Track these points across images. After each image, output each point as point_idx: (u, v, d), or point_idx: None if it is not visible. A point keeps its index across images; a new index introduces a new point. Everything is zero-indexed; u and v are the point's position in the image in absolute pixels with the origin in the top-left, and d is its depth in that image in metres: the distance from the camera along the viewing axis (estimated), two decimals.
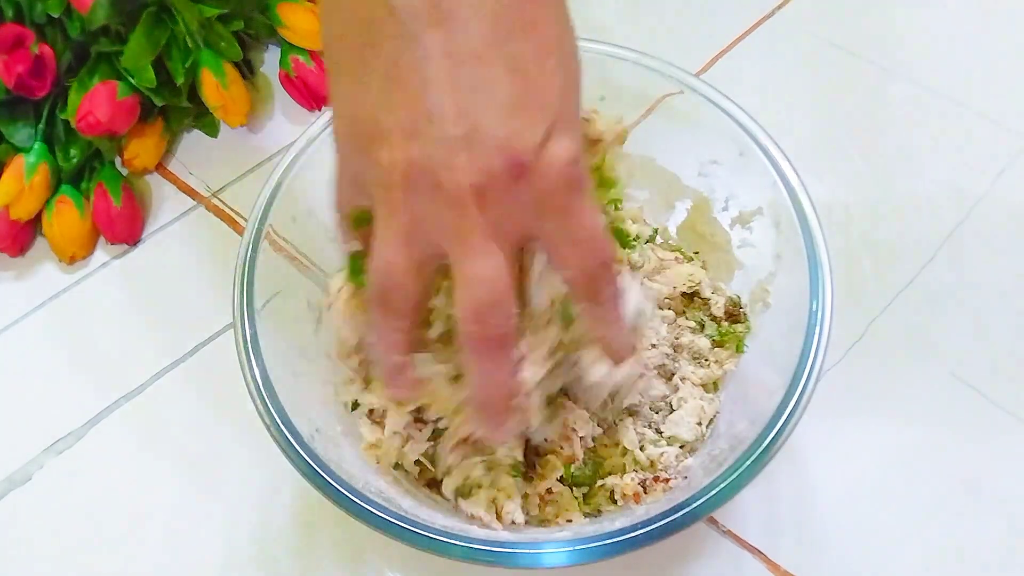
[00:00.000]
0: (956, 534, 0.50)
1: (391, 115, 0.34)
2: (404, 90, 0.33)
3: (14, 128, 0.62)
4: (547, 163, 0.34)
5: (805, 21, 0.69)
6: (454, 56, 0.33)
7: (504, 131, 0.33)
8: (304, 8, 0.67)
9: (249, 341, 0.45)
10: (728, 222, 0.52)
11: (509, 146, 0.33)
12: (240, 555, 0.51)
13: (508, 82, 0.33)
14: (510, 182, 0.34)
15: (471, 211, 0.34)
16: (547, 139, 0.34)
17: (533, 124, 0.34)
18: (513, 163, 0.33)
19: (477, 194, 0.33)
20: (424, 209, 0.34)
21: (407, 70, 0.33)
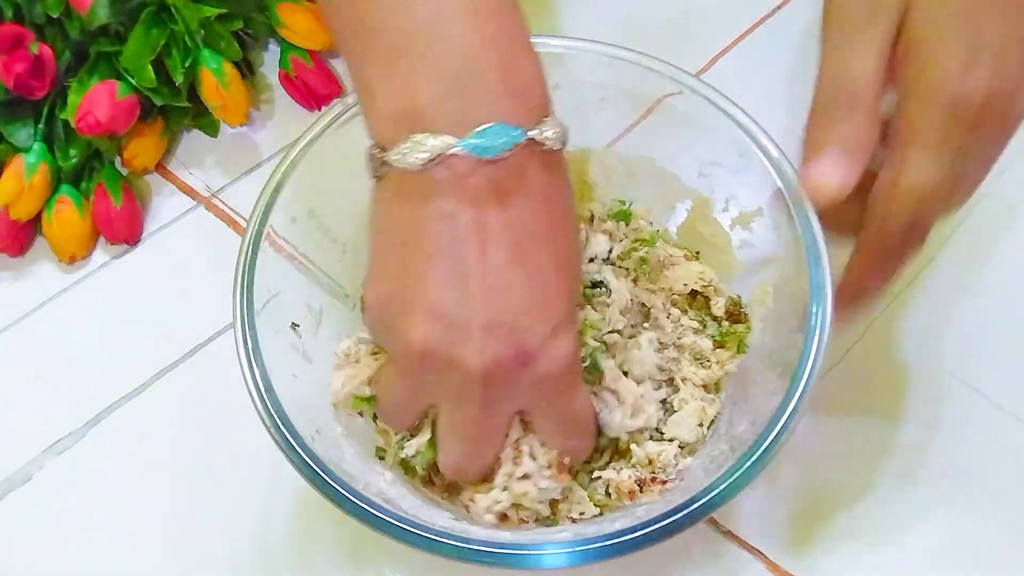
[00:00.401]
0: (956, 534, 0.50)
1: (423, 297, 0.39)
2: (442, 280, 0.39)
3: (14, 128, 0.62)
4: (549, 355, 0.40)
5: (805, 21, 0.68)
6: (488, 262, 0.39)
7: (517, 326, 0.39)
8: (304, 8, 0.66)
9: (249, 341, 0.45)
10: (728, 223, 0.52)
11: (519, 338, 0.39)
12: (240, 555, 0.51)
13: (526, 288, 0.39)
14: (516, 368, 0.40)
15: (475, 386, 0.40)
16: (552, 335, 0.40)
17: (543, 322, 0.39)
18: (520, 352, 0.39)
19: (485, 375, 0.39)
20: (433, 379, 0.41)
21: (448, 265, 0.39)
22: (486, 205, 0.38)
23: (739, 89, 0.50)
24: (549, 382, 0.41)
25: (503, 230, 0.39)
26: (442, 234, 0.38)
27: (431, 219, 0.39)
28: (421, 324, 0.39)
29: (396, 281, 0.40)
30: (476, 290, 0.38)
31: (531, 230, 0.39)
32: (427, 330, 0.39)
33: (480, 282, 0.38)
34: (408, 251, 0.39)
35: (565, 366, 0.41)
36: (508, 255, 0.39)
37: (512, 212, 0.39)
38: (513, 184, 0.39)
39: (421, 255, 0.39)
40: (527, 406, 0.42)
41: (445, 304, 0.39)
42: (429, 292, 0.39)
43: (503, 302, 0.39)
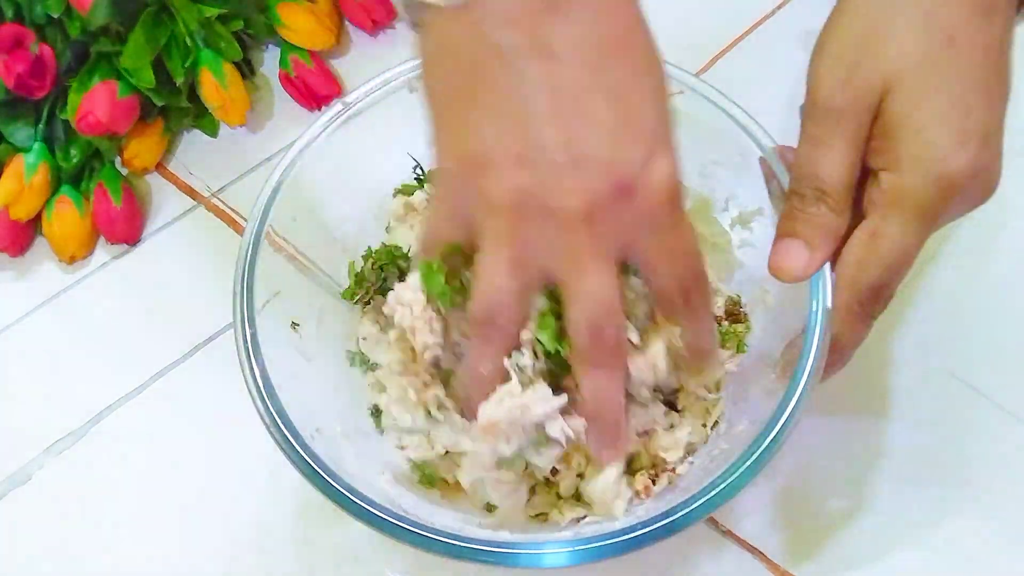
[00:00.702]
0: (955, 534, 0.50)
1: (500, 146, 0.36)
2: (512, 122, 0.35)
3: (14, 128, 0.62)
4: (649, 183, 0.37)
5: (805, 21, 0.68)
6: (558, 87, 0.35)
7: (609, 156, 0.36)
8: (304, 8, 0.66)
9: (249, 341, 0.45)
10: (728, 222, 0.52)
11: (614, 169, 0.36)
12: (241, 555, 0.51)
13: (609, 109, 0.36)
14: (616, 203, 0.36)
15: (580, 233, 0.36)
16: (648, 160, 0.36)
17: (635, 147, 0.36)
18: (619, 185, 0.36)
19: (586, 216, 0.36)
20: (534, 235, 0.37)
21: (515, 103, 0.35)
22: (543, 20, 0.35)
23: (739, 89, 0.50)
24: (654, 213, 0.37)
25: (570, 47, 0.35)
26: (504, 70, 0.35)
27: (488, 57, 0.35)
28: (506, 177, 0.36)
29: (466, 139, 0.37)
30: (554, 122, 0.35)
31: (601, 40, 0.36)
32: (514, 181, 0.36)
33: (556, 113, 0.35)
34: (471, 101, 0.36)
35: (668, 192, 0.37)
36: (581, 74, 0.35)
37: (576, 24, 0.35)
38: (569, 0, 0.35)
39: (487, 101, 0.36)
40: (634, 244, 0.38)
41: (525, 146, 0.35)
42: (504, 136, 0.36)
43: (586, 130, 0.35)
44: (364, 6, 0.69)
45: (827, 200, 0.43)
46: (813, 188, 0.44)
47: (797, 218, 0.44)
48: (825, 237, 0.44)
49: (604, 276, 0.38)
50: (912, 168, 0.42)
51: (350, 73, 0.68)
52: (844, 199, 0.44)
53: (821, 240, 0.43)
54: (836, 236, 0.44)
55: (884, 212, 0.42)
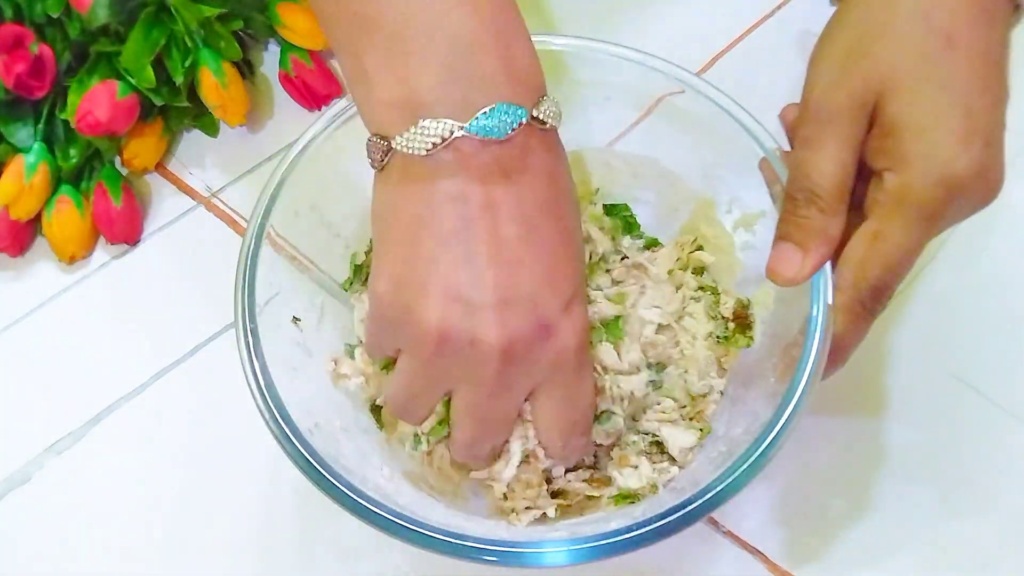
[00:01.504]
0: (956, 534, 0.50)
1: (437, 279, 0.39)
2: (453, 260, 0.39)
3: (14, 128, 0.62)
4: (566, 328, 0.40)
5: (805, 21, 0.68)
6: (498, 238, 0.39)
7: (534, 300, 0.39)
8: (304, 8, 0.66)
9: (250, 336, 0.45)
10: (731, 224, 0.52)
11: (538, 312, 0.39)
12: (241, 554, 0.51)
13: (541, 262, 0.40)
14: (535, 342, 0.40)
15: (493, 364, 0.40)
16: (568, 308, 0.40)
17: (558, 295, 0.40)
18: (539, 326, 0.40)
19: (504, 352, 0.39)
20: (451, 362, 0.40)
21: (456, 243, 0.39)
22: (495, 184, 0.39)
23: (739, 89, 0.50)
24: (566, 356, 0.41)
25: (513, 207, 0.39)
26: (453, 214, 0.39)
27: (440, 200, 0.39)
28: (437, 306, 0.39)
29: (407, 266, 0.40)
30: (491, 268, 0.39)
31: (539, 206, 0.40)
32: (444, 312, 0.39)
33: (495, 259, 0.39)
34: (418, 235, 0.39)
35: (581, 339, 0.41)
36: (519, 231, 0.39)
37: (520, 189, 0.39)
38: (519, 162, 0.39)
39: (432, 237, 0.39)
40: (539, 384, 0.42)
41: (460, 284, 0.39)
42: (443, 273, 0.39)
43: (519, 278, 0.39)
44: None
45: (818, 202, 0.44)
46: (805, 190, 0.44)
47: (790, 221, 0.45)
48: (818, 240, 0.44)
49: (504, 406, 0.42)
50: (916, 168, 0.42)
51: None
52: (836, 201, 0.44)
53: (814, 243, 0.44)
54: (829, 239, 0.44)
55: (887, 212, 0.43)
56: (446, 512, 0.45)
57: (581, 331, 0.41)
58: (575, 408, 0.43)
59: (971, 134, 0.42)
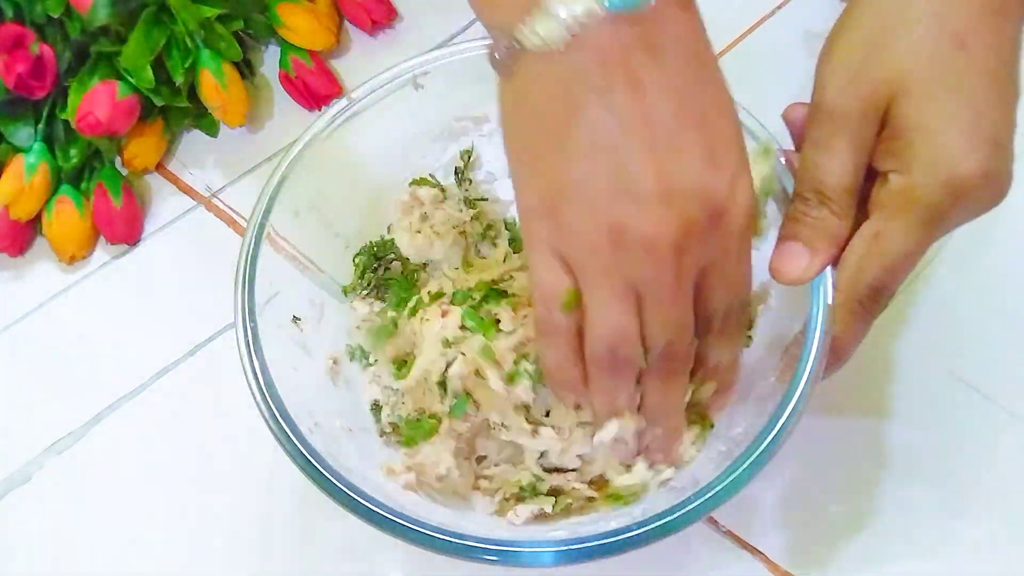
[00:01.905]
0: (956, 534, 0.50)
1: (594, 180, 0.37)
2: (605, 156, 0.37)
3: (14, 128, 0.62)
4: (735, 208, 0.38)
5: (806, 20, 0.68)
6: (651, 121, 0.37)
7: (701, 184, 0.37)
8: (304, 8, 0.67)
9: (250, 335, 0.45)
10: None
11: (707, 197, 0.37)
12: (241, 553, 0.51)
13: (700, 139, 0.37)
14: (708, 230, 0.38)
15: (669, 261, 0.37)
16: (734, 183, 0.38)
17: (723, 174, 0.38)
18: (712, 212, 0.38)
19: (677, 245, 0.37)
20: (631, 267, 0.38)
21: (609, 139, 0.37)
22: (639, 65, 0.36)
23: (739, 89, 0.50)
24: (735, 236, 0.39)
25: (662, 86, 0.37)
26: (599, 104, 0.36)
27: (584, 93, 0.36)
28: (601, 213, 0.37)
29: (559, 171, 0.38)
30: (650, 156, 0.37)
31: (688, 79, 0.38)
32: (609, 215, 0.37)
33: (652, 146, 0.37)
34: (565, 136, 0.37)
35: (750, 216, 0.39)
36: (673, 109, 0.37)
37: (666, 66, 0.37)
38: (660, 37, 0.37)
39: (582, 134, 0.37)
40: (708, 265, 0.39)
41: (618, 180, 0.37)
42: (601, 171, 0.37)
43: (681, 161, 0.37)
44: (364, 6, 0.69)
45: (829, 204, 0.44)
46: (815, 192, 0.44)
47: (799, 221, 0.44)
48: (826, 241, 0.44)
49: (683, 304, 0.39)
50: (922, 170, 0.42)
51: (350, 73, 0.68)
52: (846, 203, 0.44)
53: (822, 244, 0.44)
54: (838, 240, 0.44)
55: (890, 213, 0.42)
56: (446, 512, 0.45)
57: (748, 210, 0.39)
58: (734, 290, 0.41)
59: (979, 137, 0.41)
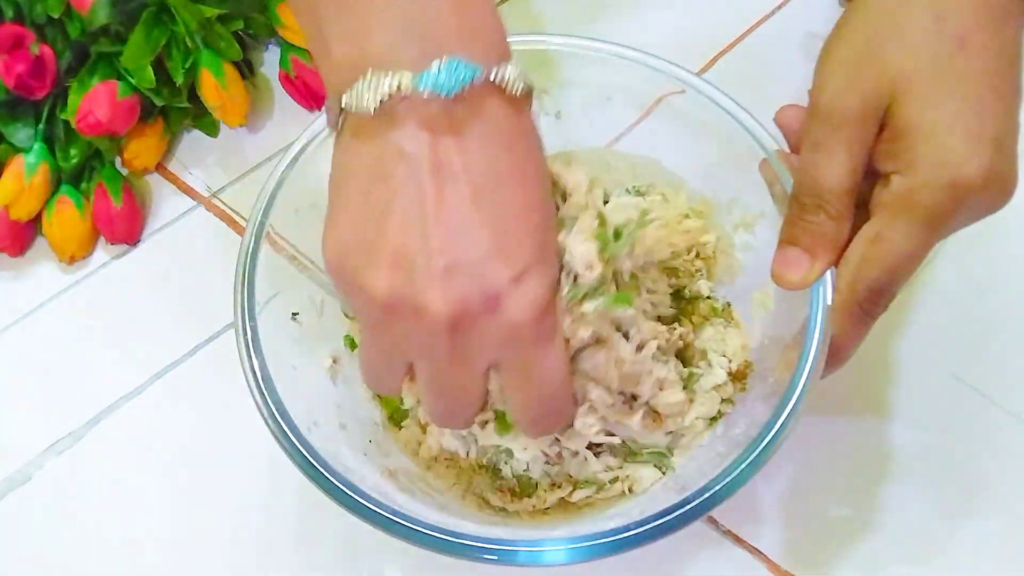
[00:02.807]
0: (956, 534, 0.50)
1: (383, 244, 0.37)
2: (398, 221, 0.37)
3: (14, 128, 0.62)
4: (517, 299, 0.38)
5: (806, 21, 0.68)
6: (444, 201, 0.37)
7: (482, 267, 0.37)
8: None
9: (249, 334, 0.45)
10: (731, 225, 0.52)
11: (485, 280, 0.37)
12: (241, 553, 0.51)
13: (490, 229, 0.37)
14: (483, 313, 0.38)
15: (443, 335, 0.38)
16: (520, 279, 0.38)
17: (507, 265, 0.38)
18: (485, 295, 0.37)
19: (451, 323, 0.37)
20: (402, 333, 0.39)
21: (404, 205, 0.37)
22: (445, 142, 0.37)
23: (739, 89, 0.50)
24: (520, 331, 0.38)
25: (463, 169, 0.37)
26: (401, 174, 0.37)
27: (389, 159, 0.37)
28: (384, 273, 0.38)
29: (355, 231, 0.39)
30: (436, 232, 0.37)
31: (493, 170, 0.38)
32: (390, 279, 0.38)
33: (440, 223, 0.37)
34: (366, 198, 0.38)
35: (535, 313, 0.38)
36: (468, 194, 0.37)
37: (472, 152, 0.37)
38: (473, 122, 0.38)
39: (380, 199, 0.38)
40: (497, 360, 0.40)
41: (406, 250, 0.37)
42: (389, 238, 0.37)
43: (465, 244, 0.37)
44: None
45: (827, 207, 0.43)
46: (813, 195, 0.44)
47: (797, 225, 0.44)
48: (825, 245, 0.44)
49: (460, 377, 0.40)
50: (924, 172, 0.41)
51: None
52: (844, 206, 0.43)
53: (822, 248, 0.44)
54: (837, 244, 0.44)
55: (891, 215, 0.42)
56: (445, 511, 0.45)
57: (534, 304, 0.38)
58: (539, 384, 0.41)
59: (982, 138, 0.41)
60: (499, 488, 0.48)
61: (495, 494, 0.48)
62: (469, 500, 0.49)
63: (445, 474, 0.49)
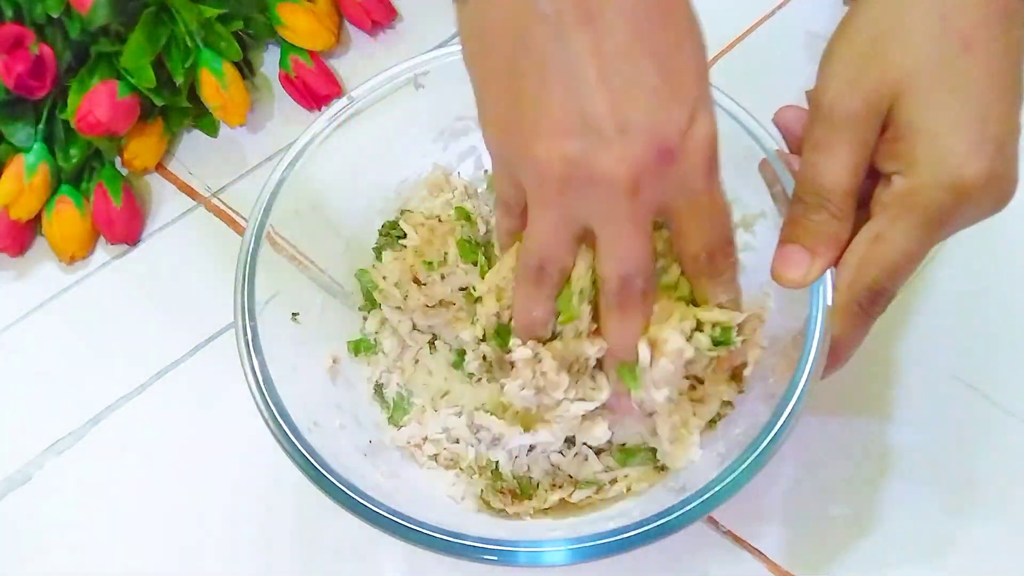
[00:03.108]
0: (956, 534, 0.50)
1: (546, 113, 0.36)
2: (558, 88, 0.36)
3: (14, 128, 0.62)
4: (691, 146, 0.37)
5: (806, 21, 0.68)
6: (602, 53, 0.35)
7: (653, 120, 0.36)
8: (304, 8, 0.67)
9: (249, 334, 0.45)
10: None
11: (658, 134, 0.36)
12: (241, 553, 0.51)
13: (653, 74, 0.36)
14: (660, 168, 0.37)
15: (623, 201, 0.37)
16: (690, 123, 0.37)
17: (678, 111, 0.37)
18: (663, 150, 0.36)
19: (630, 185, 0.36)
20: (579, 200, 0.38)
21: (559, 69, 0.36)
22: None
23: (738, 89, 0.50)
24: (694, 175, 0.38)
25: (615, 13, 0.35)
26: (548, 35, 0.35)
27: (533, 24, 0.36)
28: (553, 144, 0.36)
29: (512, 103, 0.37)
30: (601, 89, 0.35)
31: (644, 6, 0.36)
32: (563, 149, 0.36)
33: (603, 81, 0.35)
34: (516, 65, 0.36)
35: (707, 154, 0.38)
36: (625, 40, 0.36)
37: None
38: None
39: (531, 67, 0.36)
40: (670, 204, 0.39)
41: (574, 115, 0.36)
42: (552, 106, 0.36)
43: (632, 95, 0.36)
44: (364, 6, 0.69)
45: (828, 207, 0.43)
46: (815, 194, 0.44)
47: (799, 224, 0.44)
48: (827, 244, 0.44)
49: (639, 239, 0.39)
50: (925, 172, 0.41)
51: (350, 73, 0.69)
52: (846, 205, 0.43)
53: (823, 247, 0.44)
54: (838, 243, 0.44)
55: (891, 215, 0.42)
56: (445, 511, 0.45)
57: (707, 146, 0.38)
58: (711, 228, 0.40)
59: (984, 139, 0.41)
60: (500, 490, 0.48)
61: (495, 496, 0.48)
62: (469, 501, 0.49)
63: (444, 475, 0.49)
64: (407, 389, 0.51)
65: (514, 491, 0.48)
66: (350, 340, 0.52)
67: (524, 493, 0.48)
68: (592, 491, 0.48)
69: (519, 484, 0.48)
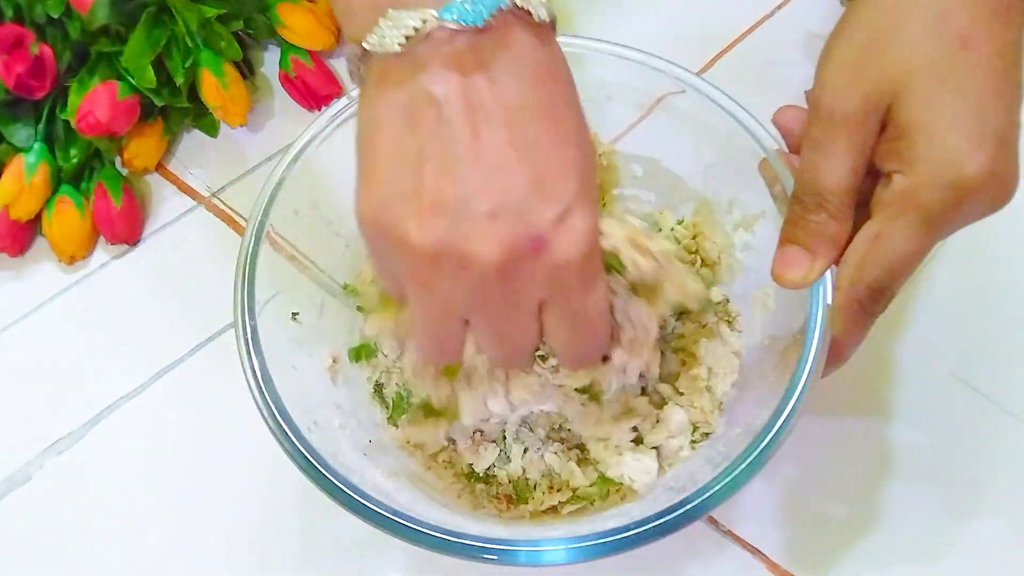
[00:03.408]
0: (956, 534, 0.50)
1: (422, 194, 0.36)
2: (435, 171, 0.36)
3: (14, 128, 0.62)
4: (565, 239, 0.37)
5: (805, 21, 0.69)
6: (483, 143, 0.36)
7: (524, 209, 0.36)
8: (304, 8, 0.67)
9: (249, 334, 0.45)
10: (731, 225, 0.52)
11: (530, 224, 0.36)
12: (241, 553, 0.51)
13: (528, 166, 0.36)
14: (530, 255, 0.37)
15: (494, 283, 0.37)
16: (564, 216, 0.37)
17: (550, 203, 0.37)
18: (534, 238, 0.36)
19: (501, 268, 0.36)
20: (451, 286, 0.37)
21: (438, 152, 0.36)
22: (474, 80, 0.36)
23: (739, 89, 0.50)
24: (568, 270, 0.37)
25: (495, 106, 0.36)
26: (431, 119, 0.36)
27: (418, 104, 0.36)
28: (426, 223, 0.36)
29: (390, 183, 0.37)
30: (476, 175, 0.36)
31: (526, 105, 0.37)
32: (433, 228, 0.36)
33: (478, 166, 0.36)
34: (398, 147, 0.37)
35: (583, 249, 0.37)
36: (504, 133, 0.36)
37: (503, 87, 0.36)
38: (500, 55, 0.36)
39: (413, 147, 0.36)
40: (545, 299, 0.39)
41: (446, 196, 0.36)
42: (428, 186, 0.36)
43: (506, 185, 0.36)
44: None
45: (827, 207, 0.43)
46: (814, 194, 0.44)
47: (798, 225, 0.44)
48: (826, 245, 0.44)
49: (518, 323, 0.39)
50: (925, 171, 0.41)
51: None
52: (845, 205, 0.43)
53: (822, 248, 0.44)
54: (838, 243, 0.44)
55: (891, 214, 0.42)
56: (445, 511, 0.45)
57: (580, 242, 0.37)
58: (584, 321, 0.40)
59: (984, 138, 0.41)
60: (495, 496, 0.48)
61: (491, 502, 0.48)
62: (467, 500, 0.49)
63: (444, 474, 0.49)
64: (407, 389, 0.51)
65: (510, 497, 0.48)
66: (351, 348, 0.52)
67: (520, 498, 0.48)
68: (581, 505, 0.48)
69: (515, 488, 0.48)
